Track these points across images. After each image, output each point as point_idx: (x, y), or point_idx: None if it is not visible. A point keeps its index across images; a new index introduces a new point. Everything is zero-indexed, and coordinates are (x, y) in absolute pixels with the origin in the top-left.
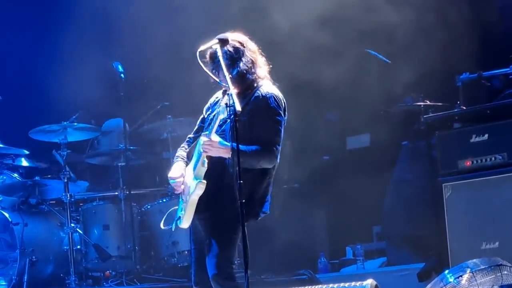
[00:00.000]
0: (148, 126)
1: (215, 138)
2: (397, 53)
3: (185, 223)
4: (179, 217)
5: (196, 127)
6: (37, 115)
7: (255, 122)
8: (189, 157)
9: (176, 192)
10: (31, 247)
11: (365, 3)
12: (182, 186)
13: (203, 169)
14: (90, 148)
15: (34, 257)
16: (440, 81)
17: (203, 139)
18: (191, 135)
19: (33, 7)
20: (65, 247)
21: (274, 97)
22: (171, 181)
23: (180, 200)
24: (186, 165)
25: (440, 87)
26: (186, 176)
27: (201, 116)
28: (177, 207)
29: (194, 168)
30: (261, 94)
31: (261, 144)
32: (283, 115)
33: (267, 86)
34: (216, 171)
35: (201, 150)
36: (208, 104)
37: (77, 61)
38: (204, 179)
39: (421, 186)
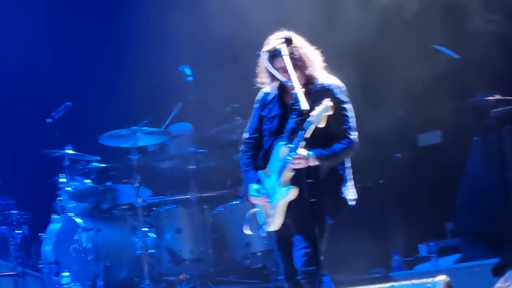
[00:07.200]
0: (218, 129)
1: (303, 152)
2: (467, 47)
3: (274, 227)
4: (266, 222)
5: (254, 126)
6: (106, 120)
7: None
8: (264, 161)
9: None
10: (105, 253)
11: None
12: (266, 200)
13: (290, 175)
14: (160, 152)
15: (108, 262)
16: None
17: (285, 152)
18: (249, 136)
19: (94, 12)
20: (138, 252)
21: (336, 86)
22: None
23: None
24: (257, 169)
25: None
26: (265, 183)
27: (257, 114)
28: (253, 210)
29: (278, 174)
30: (323, 87)
31: (340, 140)
32: (348, 99)
33: (325, 78)
34: (298, 170)
35: (288, 160)
36: (260, 102)
37: (145, 66)
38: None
39: (493, 181)
